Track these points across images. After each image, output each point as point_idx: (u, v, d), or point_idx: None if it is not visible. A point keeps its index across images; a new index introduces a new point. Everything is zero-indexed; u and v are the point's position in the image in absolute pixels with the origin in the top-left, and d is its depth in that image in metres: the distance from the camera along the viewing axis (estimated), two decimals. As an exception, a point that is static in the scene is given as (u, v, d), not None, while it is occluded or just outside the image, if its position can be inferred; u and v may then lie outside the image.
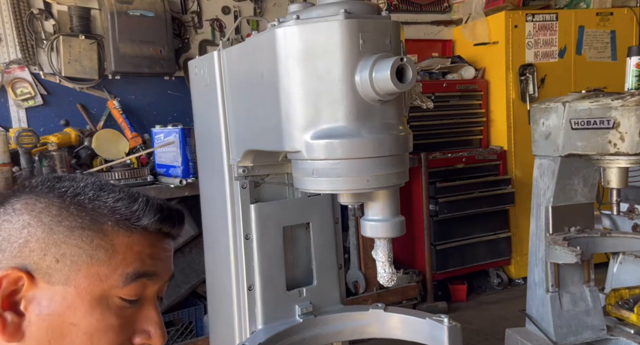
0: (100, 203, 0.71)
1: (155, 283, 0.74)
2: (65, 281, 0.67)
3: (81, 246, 0.68)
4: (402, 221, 1.28)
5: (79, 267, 0.67)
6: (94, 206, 0.71)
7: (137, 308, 0.72)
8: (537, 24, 3.98)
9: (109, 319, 0.69)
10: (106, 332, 0.68)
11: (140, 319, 0.73)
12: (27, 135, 2.52)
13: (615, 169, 1.89)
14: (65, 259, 0.67)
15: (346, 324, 1.69)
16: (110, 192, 0.73)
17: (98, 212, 0.70)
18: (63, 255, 0.67)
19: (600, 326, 2.10)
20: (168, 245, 0.77)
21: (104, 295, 0.69)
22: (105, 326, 0.68)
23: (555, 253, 1.97)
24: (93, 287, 0.68)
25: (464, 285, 3.87)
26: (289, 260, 1.69)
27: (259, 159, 1.58)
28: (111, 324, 0.69)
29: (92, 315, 0.68)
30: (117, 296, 0.69)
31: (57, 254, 0.67)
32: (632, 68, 1.90)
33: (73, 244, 0.68)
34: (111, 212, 0.71)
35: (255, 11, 3.72)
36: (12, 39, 3.04)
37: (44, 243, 0.67)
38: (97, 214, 0.70)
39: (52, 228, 0.68)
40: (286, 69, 1.19)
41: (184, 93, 3.44)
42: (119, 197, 0.72)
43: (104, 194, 0.72)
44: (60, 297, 0.67)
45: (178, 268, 2.93)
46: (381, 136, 1.16)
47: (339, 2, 1.15)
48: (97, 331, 0.68)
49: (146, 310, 0.74)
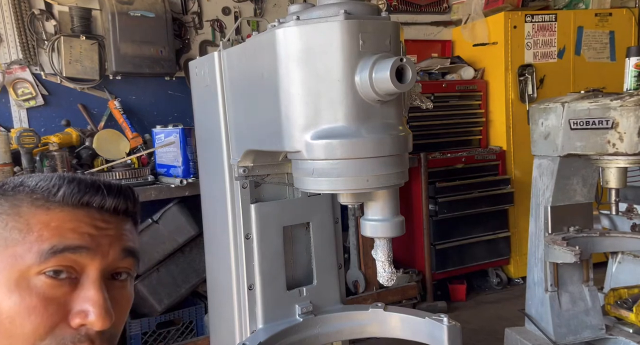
0: (23, 187, 0.71)
1: (92, 259, 0.69)
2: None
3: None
4: (402, 221, 1.29)
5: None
6: (15, 191, 0.70)
7: (72, 288, 0.68)
8: (536, 24, 3.99)
9: (30, 300, 0.65)
10: (28, 314, 0.64)
11: (78, 299, 0.67)
12: (29, 135, 2.53)
13: (614, 169, 1.90)
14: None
15: (346, 323, 1.69)
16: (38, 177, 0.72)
17: (17, 196, 0.70)
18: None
19: (599, 325, 2.11)
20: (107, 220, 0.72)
21: (23, 276, 0.66)
22: (26, 308, 0.64)
23: (555, 253, 1.98)
24: (9, 269, 0.66)
25: (464, 285, 3.88)
26: (289, 260, 1.70)
27: (259, 159, 1.58)
28: (33, 305, 0.65)
29: (10, 298, 0.64)
30: (40, 273, 0.66)
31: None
32: (631, 68, 1.90)
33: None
34: (30, 193, 0.70)
35: (255, 12, 3.73)
36: (13, 39, 3.05)
37: None
38: (16, 199, 0.70)
39: None
40: (286, 70, 1.19)
41: (184, 93, 3.45)
42: (40, 178, 0.72)
43: (30, 179, 0.72)
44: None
45: (178, 268, 2.94)
46: (381, 136, 1.16)
47: (339, 3, 1.16)
48: (17, 314, 0.64)
49: (85, 290, 0.68)
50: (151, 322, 2.83)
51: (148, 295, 2.86)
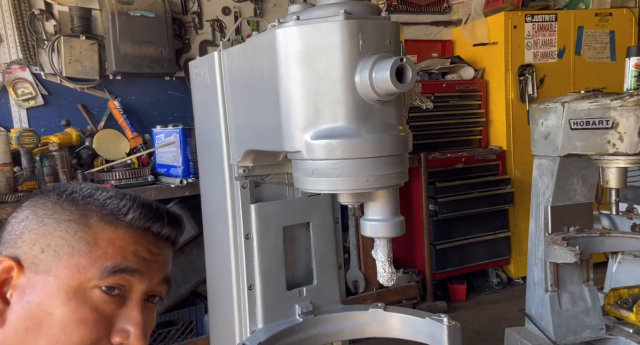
0: (93, 199, 0.73)
1: (141, 282, 0.73)
2: (47, 270, 0.69)
3: (65, 237, 0.70)
4: (402, 221, 1.29)
5: (60, 258, 0.69)
6: (86, 202, 0.73)
7: (119, 306, 0.71)
8: (537, 24, 3.99)
9: (84, 311, 0.68)
10: (79, 325, 0.67)
11: (122, 317, 0.71)
12: (28, 135, 2.53)
13: (614, 169, 1.90)
14: (49, 249, 0.69)
15: (346, 323, 1.69)
16: (107, 192, 0.75)
17: (88, 207, 0.72)
18: (48, 246, 0.69)
19: (599, 325, 2.11)
20: (159, 246, 0.76)
21: (81, 287, 0.69)
22: (78, 318, 0.67)
23: (555, 253, 1.98)
24: (71, 277, 0.68)
25: (464, 285, 3.88)
26: (289, 260, 1.70)
27: (259, 159, 1.58)
28: (85, 317, 0.68)
29: (67, 305, 0.67)
30: (96, 290, 0.69)
31: (43, 244, 0.69)
32: (631, 68, 1.90)
33: (58, 235, 0.70)
34: (100, 207, 0.73)
35: (255, 12, 3.73)
36: (13, 39, 3.05)
37: (34, 234, 0.70)
38: (87, 209, 0.72)
39: (44, 220, 0.71)
40: (286, 70, 1.19)
41: (184, 93, 3.45)
42: (111, 194, 0.74)
43: (99, 192, 0.75)
44: (40, 286, 0.68)
45: (178, 268, 2.94)
46: (381, 136, 1.16)
47: (339, 3, 1.16)
48: (70, 322, 0.67)
49: (129, 310, 0.72)
50: (151, 322, 2.82)
51: (148, 295, 2.85)
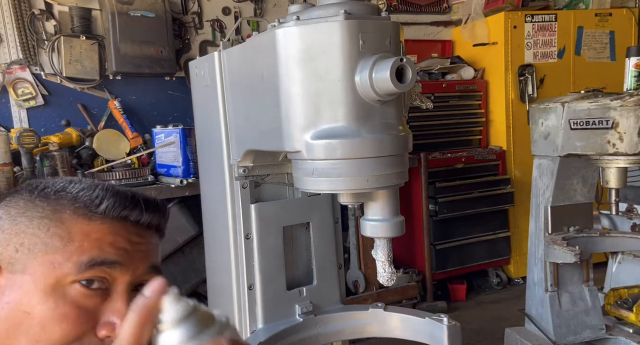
0: (65, 193, 0.71)
1: (123, 273, 0.70)
2: (23, 270, 0.67)
3: (37, 234, 0.68)
4: (402, 221, 1.29)
5: (34, 256, 0.67)
6: (58, 196, 0.71)
7: (102, 299, 0.69)
8: (536, 24, 3.99)
9: (63, 308, 0.66)
10: (60, 321, 0.65)
11: (107, 310, 0.69)
12: (29, 135, 2.53)
13: (614, 169, 1.89)
14: (23, 248, 0.68)
15: (346, 323, 1.69)
16: (80, 184, 0.73)
17: (60, 202, 0.70)
18: (21, 245, 0.68)
19: (599, 325, 2.11)
20: (141, 234, 0.75)
21: (59, 284, 0.67)
22: (59, 315, 0.65)
23: (555, 253, 1.98)
24: (47, 275, 0.67)
25: (464, 285, 3.88)
26: (289, 260, 1.70)
27: (259, 159, 1.58)
28: (66, 313, 0.66)
29: (45, 303, 0.65)
30: (75, 284, 0.67)
31: (17, 244, 0.68)
32: (631, 68, 1.90)
33: (31, 233, 0.68)
34: (73, 200, 0.71)
35: (255, 12, 3.73)
36: (13, 39, 3.05)
37: (7, 234, 0.69)
38: (59, 204, 0.70)
39: (16, 219, 0.69)
40: (286, 70, 1.19)
41: (184, 93, 3.45)
42: (83, 186, 0.72)
43: (72, 185, 0.72)
44: (18, 286, 0.66)
45: (178, 268, 2.94)
46: (381, 136, 1.16)
47: (339, 3, 1.16)
48: (50, 320, 0.65)
49: (113, 302, 0.69)
50: (151, 322, 2.82)
51: (148, 295, 2.85)
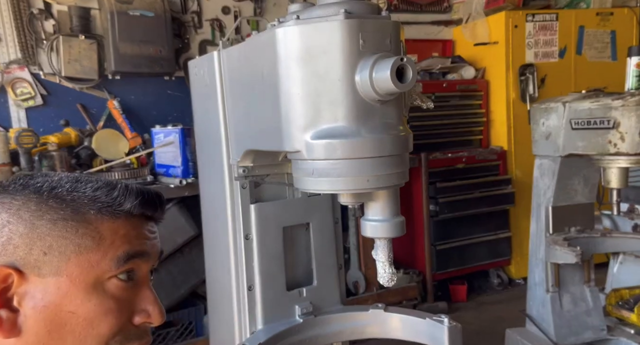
0: (79, 194, 0.72)
1: (147, 262, 0.77)
2: (56, 272, 0.68)
3: (67, 237, 0.69)
4: (402, 221, 1.28)
5: (67, 257, 0.69)
6: (73, 197, 0.72)
7: (133, 289, 0.74)
8: (537, 24, 3.98)
9: (107, 302, 0.70)
10: (106, 315, 0.70)
11: (137, 299, 0.75)
12: (27, 135, 2.53)
13: (616, 169, 1.89)
14: (52, 250, 0.69)
15: (346, 324, 1.68)
16: (87, 183, 0.74)
17: (78, 202, 0.72)
18: (50, 247, 0.68)
19: (600, 326, 2.10)
20: (152, 227, 0.80)
21: (99, 281, 0.70)
22: (104, 310, 0.70)
23: (556, 253, 1.97)
24: (86, 274, 0.70)
25: (464, 286, 3.87)
26: (289, 260, 1.69)
27: (259, 159, 1.58)
28: (110, 307, 0.71)
29: (90, 300, 0.69)
30: (113, 279, 0.72)
31: (44, 247, 0.68)
32: (632, 68, 1.90)
33: (58, 235, 0.69)
34: (92, 201, 0.72)
35: (255, 11, 3.72)
36: (12, 39, 3.04)
37: (27, 238, 0.68)
38: (78, 204, 0.71)
39: (34, 223, 0.69)
40: (286, 69, 1.18)
41: (184, 93, 3.44)
42: (97, 186, 0.74)
43: (81, 185, 0.74)
44: (54, 288, 0.68)
45: (178, 268, 2.93)
46: (381, 136, 1.15)
47: (339, 2, 1.15)
48: (96, 316, 0.70)
49: (142, 291, 0.76)
50: (150, 322, 2.81)
51: (147, 296, 2.85)
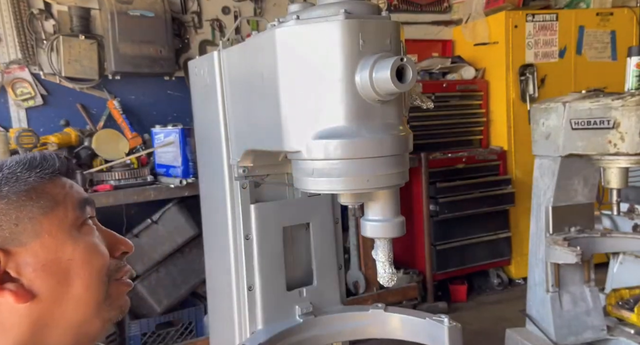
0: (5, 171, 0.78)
1: (93, 208, 0.85)
2: (35, 235, 0.75)
3: (26, 204, 0.76)
4: (402, 221, 1.28)
5: (38, 220, 0.76)
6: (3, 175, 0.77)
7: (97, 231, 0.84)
8: (537, 24, 3.98)
9: (90, 241, 0.80)
10: (96, 251, 0.80)
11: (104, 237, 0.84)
12: (27, 135, 2.53)
13: (616, 169, 1.89)
14: (21, 220, 0.75)
15: (346, 324, 1.69)
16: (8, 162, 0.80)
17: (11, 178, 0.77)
18: (17, 218, 0.75)
19: (600, 326, 2.10)
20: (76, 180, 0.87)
21: (74, 227, 0.79)
22: (91, 247, 0.79)
23: (556, 253, 1.97)
24: (62, 226, 0.77)
25: (464, 286, 3.87)
26: (289, 260, 1.69)
27: (259, 159, 1.58)
28: (94, 244, 0.80)
29: (79, 244, 0.78)
30: (83, 223, 0.80)
31: (11, 220, 0.75)
32: (632, 68, 1.90)
33: (18, 206, 0.75)
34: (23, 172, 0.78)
35: (255, 11, 3.72)
36: (12, 39, 3.03)
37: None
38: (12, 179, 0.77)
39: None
40: (286, 69, 1.18)
41: (184, 93, 3.43)
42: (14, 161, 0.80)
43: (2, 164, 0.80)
44: (41, 249, 0.75)
45: (178, 268, 2.93)
46: (381, 136, 1.15)
47: (339, 2, 1.15)
48: (90, 253, 0.79)
49: (103, 231, 0.85)
50: (150, 323, 2.82)
51: (147, 296, 2.85)
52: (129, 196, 2.58)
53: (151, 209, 2.90)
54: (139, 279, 2.85)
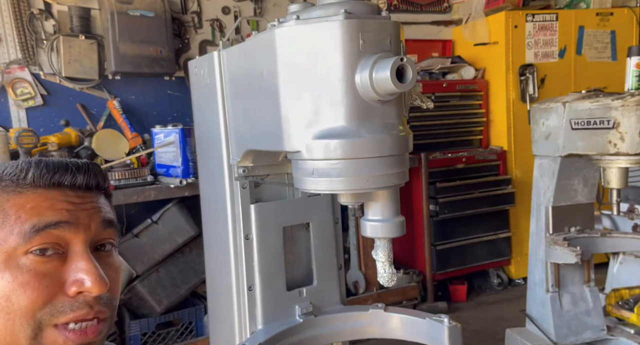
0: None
1: (76, 233, 0.72)
2: None
3: None
4: (402, 221, 1.28)
5: None
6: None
7: (62, 263, 0.71)
8: (537, 24, 3.98)
9: (22, 277, 0.68)
10: (24, 289, 0.67)
11: (70, 270, 0.71)
12: (27, 135, 2.53)
13: (616, 169, 1.89)
14: None
15: (346, 324, 1.68)
16: (5, 165, 0.74)
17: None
18: None
19: (600, 326, 2.10)
20: (81, 196, 0.75)
21: (10, 257, 0.68)
22: (19, 284, 0.67)
23: (556, 253, 1.97)
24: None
25: (464, 286, 3.87)
26: (289, 260, 1.69)
27: (259, 159, 1.58)
28: (27, 281, 0.68)
29: (2, 278, 0.67)
30: (27, 253, 0.69)
31: None
32: (632, 68, 1.90)
33: None
34: (9, 177, 0.72)
35: (255, 11, 3.72)
36: (12, 39, 3.04)
37: None
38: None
39: None
40: (286, 69, 1.18)
41: (184, 93, 3.44)
42: (7, 165, 0.73)
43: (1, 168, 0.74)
44: None
45: (178, 268, 2.93)
46: (381, 136, 1.15)
47: (339, 2, 1.15)
48: (12, 291, 0.67)
49: (75, 262, 0.71)
50: (150, 322, 2.82)
51: (147, 296, 2.85)
52: (129, 196, 2.58)
53: (151, 209, 2.90)
54: (139, 279, 2.85)
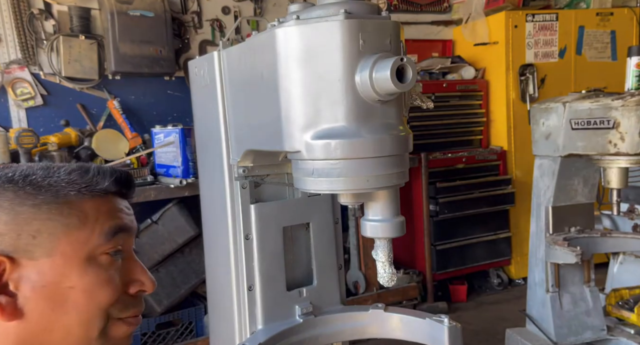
0: (55, 178, 0.75)
1: (130, 236, 0.81)
2: (48, 253, 0.71)
3: (53, 218, 0.72)
4: (403, 221, 1.28)
5: (58, 237, 0.72)
6: (49, 182, 0.74)
7: (122, 263, 0.79)
8: (537, 24, 3.98)
9: (102, 274, 0.75)
10: (103, 286, 0.74)
11: (128, 270, 0.80)
12: (27, 135, 2.53)
13: (616, 169, 1.89)
14: (41, 233, 0.71)
15: (346, 324, 1.68)
16: (58, 168, 0.77)
17: (55, 186, 0.74)
18: (38, 231, 0.71)
19: (600, 326, 2.10)
20: (128, 204, 0.84)
21: (91, 255, 0.74)
22: (100, 281, 0.74)
23: (556, 253, 1.97)
24: (78, 250, 0.73)
25: (464, 286, 3.87)
26: (289, 260, 1.69)
27: (259, 159, 1.58)
28: (105, 278, 0.75)
29: (87, 274, 0.73)
30: (104, 253, 0.75)
31: (32, 231, 0.71)
32: (632, 68, 1.89)
33: (44, 218, 0.72)
34: (69, 183, 0.75)
35: (255, 11, 3.72)
36: (12, 39, 3.04)
37: (13, 224, 0.70)
38: (56, 188, 0.74)
39: (16, 210, 0.71)
40: (286, 69, 1.18)
41: (184, 93, 3.44)
42: (69, 170, 0.77)
43: (53, 170, 0.76)
44: (48, 268, 0.71)
45: (178, 268, 2.93)
46: (381, 136, 1.15)
47: (339, 2, 1.15)
48: (94, 287, 0.74)
49: (130, 263, 0.81)
50: (150, 322, 2.82)
51: (147, 296, 2.84)
52: (128, 196, 2.58)
53: (151, 209, 2.90)
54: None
